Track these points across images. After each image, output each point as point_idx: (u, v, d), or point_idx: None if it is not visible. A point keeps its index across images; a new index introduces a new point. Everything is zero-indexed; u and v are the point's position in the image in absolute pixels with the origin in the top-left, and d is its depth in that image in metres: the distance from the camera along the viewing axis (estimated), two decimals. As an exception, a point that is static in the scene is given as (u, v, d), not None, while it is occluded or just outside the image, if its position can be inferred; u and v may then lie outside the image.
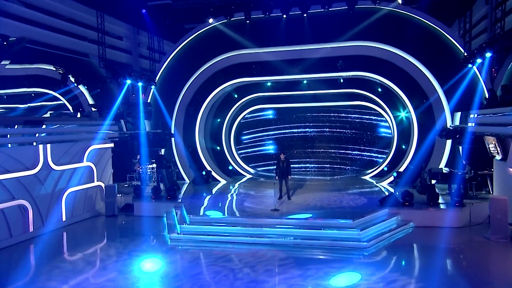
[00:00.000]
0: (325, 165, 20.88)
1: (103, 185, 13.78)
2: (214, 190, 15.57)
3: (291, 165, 12.95)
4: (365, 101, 19.25)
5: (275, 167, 13.02)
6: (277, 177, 12.67)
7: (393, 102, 17.50)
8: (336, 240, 9.50)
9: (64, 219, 12.19)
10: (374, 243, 9.49)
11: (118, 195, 14.04)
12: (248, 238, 9.97)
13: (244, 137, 21.90)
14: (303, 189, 15.15)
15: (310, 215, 10.76)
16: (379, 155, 20.01)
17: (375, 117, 20.01)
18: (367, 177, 18.09)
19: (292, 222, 10.32)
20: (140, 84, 16.20)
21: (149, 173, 16.20)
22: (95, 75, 16.76)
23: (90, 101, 17.65)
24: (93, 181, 13.51)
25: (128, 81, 15.46)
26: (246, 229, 10.26)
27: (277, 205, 11.78)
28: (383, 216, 10.89)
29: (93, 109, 16.34)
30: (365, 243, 9.33)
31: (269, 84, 18.84)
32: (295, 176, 18.56)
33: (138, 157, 16.06)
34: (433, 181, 14.12)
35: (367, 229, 9.80)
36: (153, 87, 17.27)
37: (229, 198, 14.03)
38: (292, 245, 9.65)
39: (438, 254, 8.97)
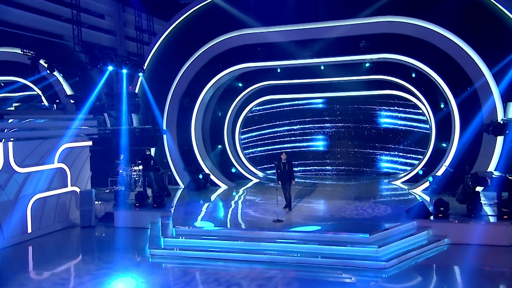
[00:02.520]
0: (346, 168, 20.66)
1: (78, 190, 13.79)
2: (212, 197, 15.57)
3: (294, 168, 12.96)
4: (395, 90, 18.87)
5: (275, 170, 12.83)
6: (279, 182, 12.48)
7: (431, 90, 17.03)
8: (348, 258, 9.29)
9: (29, 230, 12.23)
10: (396, 263, 9.19)
11: (96, 202, 14.07)
12: (243, 254, 9.85)
13: (251, 134, 21.79)
14: (315, 196, 15.06)
15: (319, 227, 10.63)
16: (414, 156, 19.61)
17: (409, 109, 19.63)
18: (397, 182, 17.79)
19: (296, 236, 10.20)
20: (124, 71, 16.17)
21: (135, 176, 16.17)
22: (73, 61, 16.84)
23: (68, 91, 17.76)
24: (67, 186, 13.53)
25: (110, 68, 15.44)
26: (241, 243, 10.19)
27: (280, 215, 11.64)
28: (410, 230, 10.59)
29: (72, 101, 16.42)
30: (384, 262, 9.04)
31: (278, 70, 18.57)
32: (308, 181, 18.35)
33: (122, 158, 16.06)
34: (479, 188, 13.65)
35: (387, 246, 9.52)
36: (141, 74, 17.24)
37: (227, 206, 13.97)
38: (295, 264, 9.48)
39: (479, 279, 8.65)
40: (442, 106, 16.99)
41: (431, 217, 11.23)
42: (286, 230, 10.45)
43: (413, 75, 17.26)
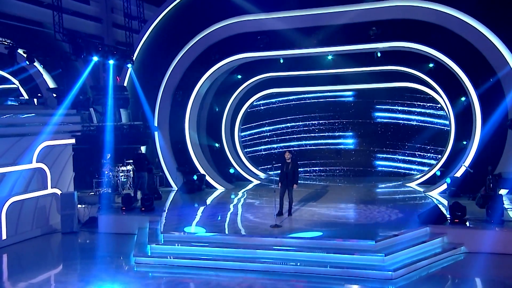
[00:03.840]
0: (355, 167, 20.69)
1: (59, 193, 13.81)
2: (207, 200, 15.61)
3: (300, 169, 12.98)
4: (410, 82, 18.81)
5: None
6: (279, 184, 12.35)
7: (450, 82, 16.90)
8: (351, 267, 9.22)
9: (4, 237, 12.23)
10: (405, 273, 9.09)
11: (79, 206, 14.08)
12: (236, 263, 9.82)
13: (252, 131, 21.84)
14: (319, 199, 15.04)
15: (320, 233, 10.58)
16: (431, 155, 19.59)
17: (426, 104, 19.61)
18: (413, 184, 17.78)
19: (295, 243, 10.15)
20: (111, 62, 16.19)
21: (122, 177, 16.17)
22: (55, 51, 16.87)
23: (51, 84, 17.80)
24: (46, 188, 13.54)
25: (95, 59, 15.45)
26: (235, 250, 10.15)
27: (278, 220, 11.63)
28: (422, 237, 10.50)
29: (54, 94, 16.45)
30: (391, 272, 8.94)
31: (281, 61, 18.63)
32: (312, 182, 18.39)
33: (108, 157, 16.07)
34: (503, 191, 13.54)
35: (395, 254, 9.42)
36: (130, 66, 17.25)
37: (223, 210, 13.97)
38: (293, 273, 9.43)
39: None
40: (462, 99, 16.87)
41: (447, 223, 11.11)
42: (284, 237, 10.39)
43: (430, 66, 17.16)
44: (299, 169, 12.71)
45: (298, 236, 10.44)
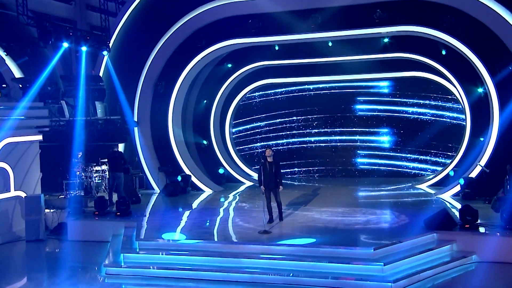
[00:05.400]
0: (358, 167, 20.84)
1: (24, 195, 13.73)
2: (191, 204, 15.70)
3: (281, 169, 12.70)
4: (421, 71, 18.85)
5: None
6: (262, 188, 12.10)
7: (465, 70, 16.88)
8: (346, 278, 9.19)
9: (-41, 245, 12.20)
10: (407, 284, 9.01)
11: (47, 210, 14.01)
12: (219, 273, 9.81)
13: (245, 126, 21.97)
14: (315, 202, 15.16)
15: (313, 240, 10.59)
16: (445, 152, 19.63)
17: (439, 95, 19.65)
18: (424, 186, 17.83)
19: (285, 250, 10.15)
20: (84, 49, 16.11)
21: (96, 178, 16.12)
22: (21, 36, 16.78)
23: (18, 74, 17.72)
24: (9, 190, 13.47)
25: (65, 45, 15.37)
26: (218, 259, 10.18)
27: (268, 226, 11.62)
28: (428, 244, 10.47)
29: (20, 85, 16.41)
30: (390, 284, 8.86)
31: (276, 48, 18.64)
32: (309, 184, 18.35)
33: (80, 155, 16.01)
34: (522, 193, 13.49)
35: (396, 263, 9.39)
36: (105, 53, 17.17)
37: (208, 215, 14.02)
38: (282, 284, 9.39)
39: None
40: (479, 90, 16.84)
41: (456, 228, 11.06)
42: (273, 244, 10.41)
43: (443, 52, 17.14)
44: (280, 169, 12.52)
45: (288, 243, 10.43)
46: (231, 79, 19.92)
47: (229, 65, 19.56)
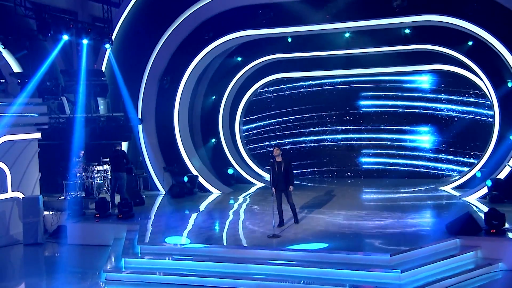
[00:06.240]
0: (378, 166, 20.78)
1: (22, 197, 13.85)
2: (198, 206, 15.75)
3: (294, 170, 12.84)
4: (445, 64, 18.69)
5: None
6: (273, 190, 12.12)
7: (494, 63, 16.72)
8: (361, 286, 9.15)
9: (-47, 248, 12.37)
10: (426, 294, 9.04)
11: (46, 212, 14.16)
12: (225, 280, 9.82)
13: (257, 124, 21.98)
14: (330, 205, 15.20)
15: (326, 245, 10.57)
16: (471, 152, 19.43)
17: (465, 90, 19.47)
18: (448, 187, 17.71)
19: (295, 256, 10.16)
20: (85, 42, 16.19)
21: (98, 179, 16.22)
22: (19, 28, 16.89)
23: (16, 68, 17.87)
24: (6, 191, 13.61)
25: (65, 37, 15.46)
26: (223, 265, 10.20)
27: (278, 230, 11.66)
28: (450, 250, 10.39)
29: (19, 80, 16.53)
30: (408, 293, 8.91)
31: (289, 40, 18.58)
32: (323, 185, 18.31)
33: (82, 154, 16.12)
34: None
35: (414, 270, 9.35)
36: (108, 46, 17.22)
37: (216, 218, 14.11)
38: (291, 293, 9.43)
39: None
40: (509, 85, 16.68)
41: (481, 233, 10.94)
42: (282, 249, 10.40)
43: (469, 44, 17.00)
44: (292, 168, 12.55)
45: (299, 248, 10.42)
46: (241, 74, 19.85)
47: (239, 59, 19.52)
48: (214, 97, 19.89)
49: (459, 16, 15.02)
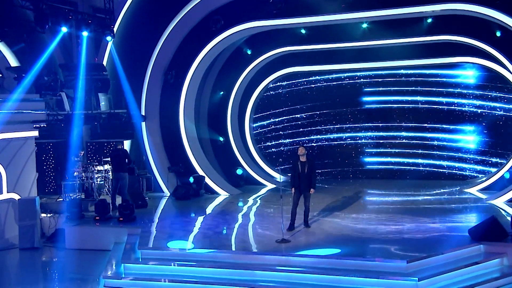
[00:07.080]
0: (398, 167, 20.75)
1: (18, 198, 13.93)
2: (204, 209, 15.78)
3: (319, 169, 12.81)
4: (471, 56, 18.53)
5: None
6: (292, 190, 12.28)
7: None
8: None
9: None
10: (446, 303, 9.02)
11: (43, 215, 14.23)
12: (229, 287, 9.84)
13: (268, 121, 22.01)
14: (344, 207, 15.17)
15: (338, 250, 10.57)
16: (500, 151, 19.37)
17: (492, 84, 19.37)
18: (473, 190, 17.62)
19: (304, 262, 10.17)
20: (85, 34, 16.25)
21: (98, 179, 16.30)
22: (16, 20, 17.02)
23: (13, 62, 18.00)
24: (1, 193, 13.67)
25: (64, 29, 15.53)
26: (229, 271, 10.21)
27: (287, 234, 11.66)
28: (473, 257, 10.32)
29: (16, 75, 16.65)
30: (426, 302, 8.88)
31: (302, 31, 18.57)
32: (338, 186, 18.46)
33: (82, 154, 16.21)
34: None
35: (433, 278, 9.28)
36: (109, 39, 17.27)
37: (223, 222, 14.06)
38: (301, 302, 9.46)
39: None
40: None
41: (508, 239, 10.83)
42: (291, 254, 10.44)
43: (498, 34, 16.83)
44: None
45: (309, 254, 10.43)
46: (251, 67, 19.84)
47: (249, 52, 19.50)
48: (222, 92, 19.91)
49: (486, 5, 14.88)
